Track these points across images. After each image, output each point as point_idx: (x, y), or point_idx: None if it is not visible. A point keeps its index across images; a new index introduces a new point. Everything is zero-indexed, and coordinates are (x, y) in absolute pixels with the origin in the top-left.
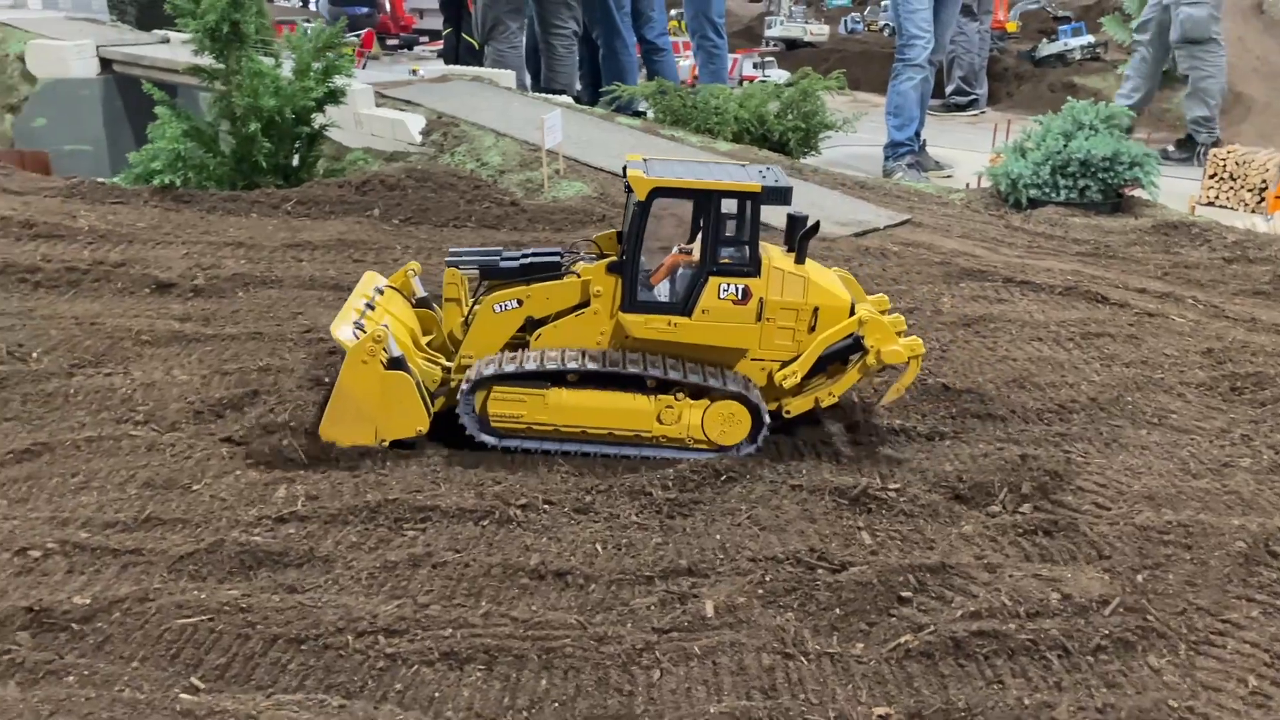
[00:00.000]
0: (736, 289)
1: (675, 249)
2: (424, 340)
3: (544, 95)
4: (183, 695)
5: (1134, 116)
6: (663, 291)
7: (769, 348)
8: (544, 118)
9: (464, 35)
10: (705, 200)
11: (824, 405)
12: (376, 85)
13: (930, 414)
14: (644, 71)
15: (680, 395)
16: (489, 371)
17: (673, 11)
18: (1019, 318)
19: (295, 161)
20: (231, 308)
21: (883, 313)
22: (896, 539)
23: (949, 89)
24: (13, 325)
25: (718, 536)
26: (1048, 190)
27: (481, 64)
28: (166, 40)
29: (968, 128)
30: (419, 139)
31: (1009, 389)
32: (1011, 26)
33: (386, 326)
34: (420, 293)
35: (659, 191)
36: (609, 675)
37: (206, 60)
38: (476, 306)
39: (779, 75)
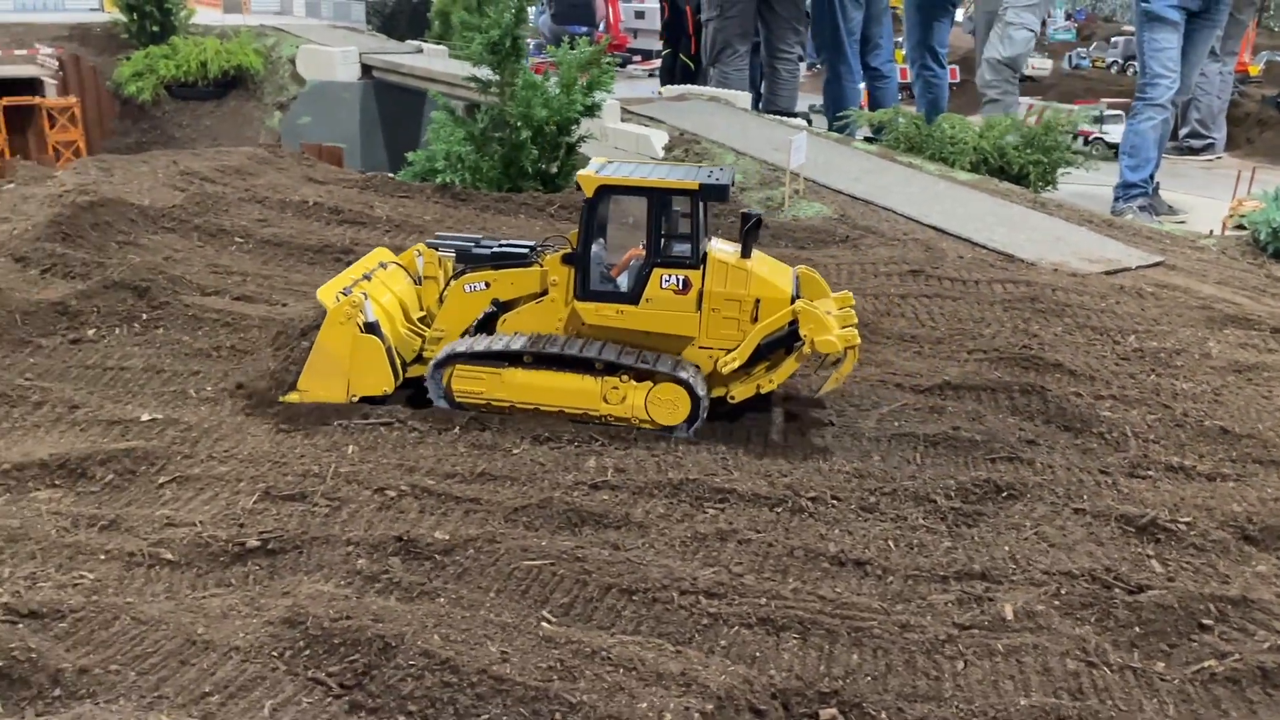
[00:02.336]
0: (677, 279)
1: (641, 245)
2: (417, 315)
3: (780, 117)
4: (543, 624)
5: None
6: (622, 283)
7: (715, 336)
8: (791, 139)
9: (681, 56)
10: (647, 197)
11: (764, 391)
12: (622, 101)
13: (1209, 455)
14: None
15: (625, 377)
16: (456, 351)
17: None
18: None
19: (555, 169)
20: None
21: (841, 310)
22: (1189, 570)
23: (1183, 131)
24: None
25: (1006, 548)
26: None
27: (695, 83)
28: (420, 50)
29: (1202, 172)
30: (661, 154)
31: None
32: (1254, 70)
33: (365, 295)
34: (422, 272)
35: (605, 189)
36: (915, 659)
37: (484, 72)
38: (450, 285)
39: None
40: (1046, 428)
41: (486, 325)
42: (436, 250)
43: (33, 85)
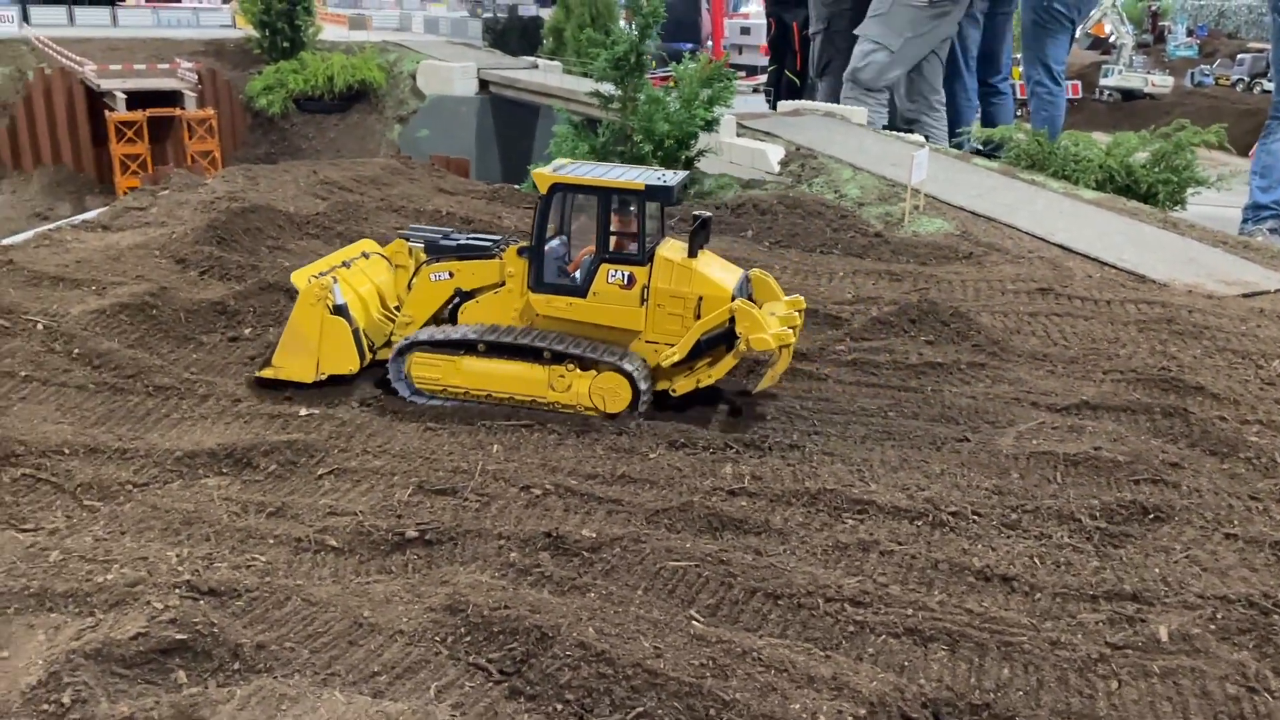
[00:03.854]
0: (623, 275)
1: None
2: (395, 304)
3: (897, 133)
4: (693, 622)
5: None
6: (577, 277)
7: (660, 331)
8: (914, 154)
9: (786, 72)
10: (597, 196)
11: (703, 385)
12: (738, 116)
13: None
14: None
15: (571, 366)
16: (415, 339)
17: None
18: None
19: None
20: None
21: (787, 312)
22: None
23: None
24: None
25: (1156, 569)
26: None
27: (800, 99)
28: (535, 65)
29: None
30: (777, 169)
31: None
32: None
33: (335, 279)
34: (393, 261)
35: (557, 187)
36: (1067, 676)
37: (607, 87)
38: (418, 273)
39: None
40: (1191, 451)
41: (456, 313)
42: (408, 241)
43: (173, 97)
